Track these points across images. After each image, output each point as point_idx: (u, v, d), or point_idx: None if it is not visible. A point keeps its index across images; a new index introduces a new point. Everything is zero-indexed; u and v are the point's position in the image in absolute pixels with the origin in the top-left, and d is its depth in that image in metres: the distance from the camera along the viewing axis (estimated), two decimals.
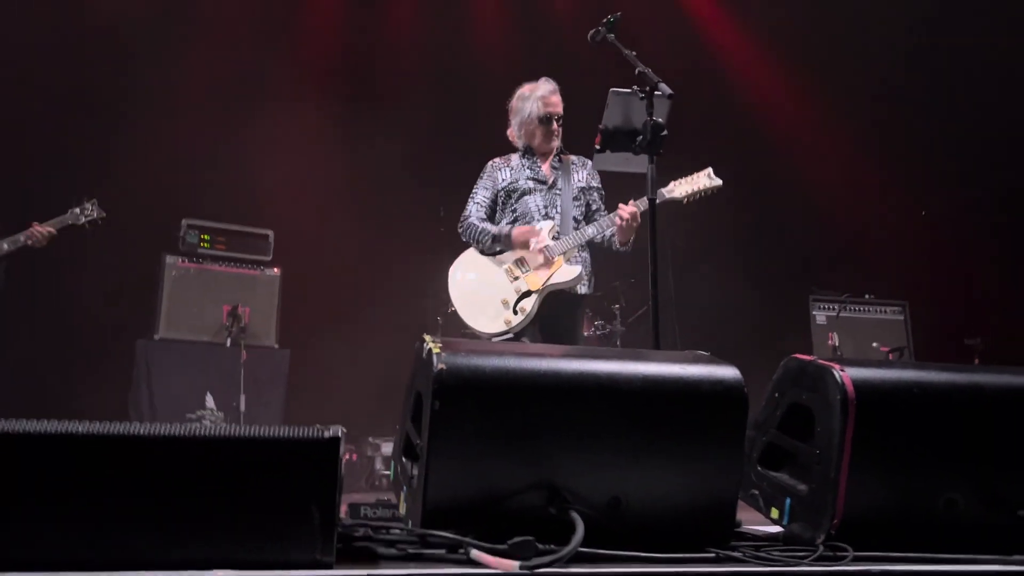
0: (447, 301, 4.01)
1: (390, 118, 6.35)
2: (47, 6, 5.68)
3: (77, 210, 4.79)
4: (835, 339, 6.28)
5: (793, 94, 7.19)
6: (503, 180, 3.99)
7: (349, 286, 6.15)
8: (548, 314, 3.80)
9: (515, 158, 4.04)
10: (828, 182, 7.08)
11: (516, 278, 3.82)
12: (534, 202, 3.92)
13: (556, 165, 4.01)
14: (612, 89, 2.92)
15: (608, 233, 3.81)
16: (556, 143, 3.96)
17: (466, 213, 3.98)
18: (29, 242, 4.60)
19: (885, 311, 6.52)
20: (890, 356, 6.28)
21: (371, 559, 1.72)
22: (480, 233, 3.90)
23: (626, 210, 3.64)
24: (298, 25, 6.64)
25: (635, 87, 2.85)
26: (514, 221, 3.92)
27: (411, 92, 6.48)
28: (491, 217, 4.00)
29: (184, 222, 5.53)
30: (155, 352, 5.26)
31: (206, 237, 5.55)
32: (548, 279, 3.77)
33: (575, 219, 3.90)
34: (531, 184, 3.93)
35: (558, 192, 3.94)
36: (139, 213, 5.41)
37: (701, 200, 3.77)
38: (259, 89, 6.24)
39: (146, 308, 5.46)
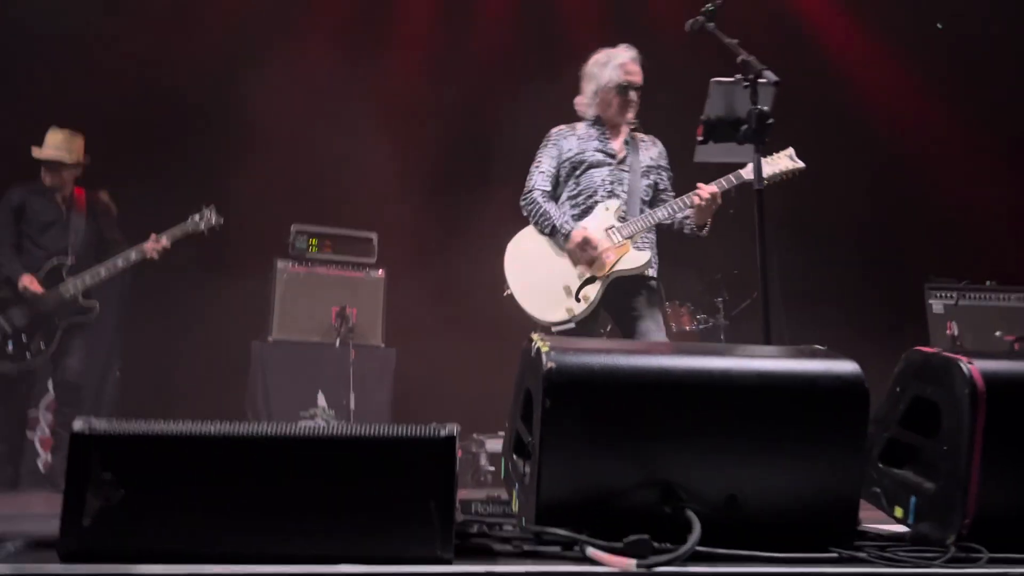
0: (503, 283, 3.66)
1: (492, 122, 6.40)
2: (158, 21, 5.97)
3: (197, 217, 5.02)
4: (954, 328, 5.97)
5: (905, 73, 6.88)
6: (569, 150, 3.67)
7: (450, 286, 6.23)
8: (616, 299, 3.53)
9: (582, 126, 3.73)
10: (944, 163, 6.75)
11: (579, 262, 3.50)
12: (600, 176, 3.60)
13: (628, 141, 3.70)
14: (713, 79, 2.85)
15: (680, 216, 3.54)
16: (631, 116, 3.67)
17: (530, 185, 3.67)
18: (145, 255, 4.83)
19: (1009, 298, 6.16)
20: (1016, 346, 5.94)
21: (488, 555, 1.74)
22: (541, 216, 3.59)
23: (706, 190, 3.38)
24: (393, 31, 6.77)
25: (738, 75, 2.78)
26: (577, 195, 3.62)
27: (506, 93, 6.52)
28: (555, 189, 3.71)
29: (293, 227, 5.74)
30: (269, 353, 5.48)
31: (314, 241, 5.74)
32: (614, 265, 3.46)
33: (642, 199, 3.62)
34: (599, 156, 3.63)
35: (626, 169, 3.63)
36: (251, 221, 5.64)
37: (782, 184, 3.44)
38: (362, 96, 6.39)
39: (260, 311, 5.68)
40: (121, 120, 5.70)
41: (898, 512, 2.09)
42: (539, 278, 3.51)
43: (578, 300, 3.44)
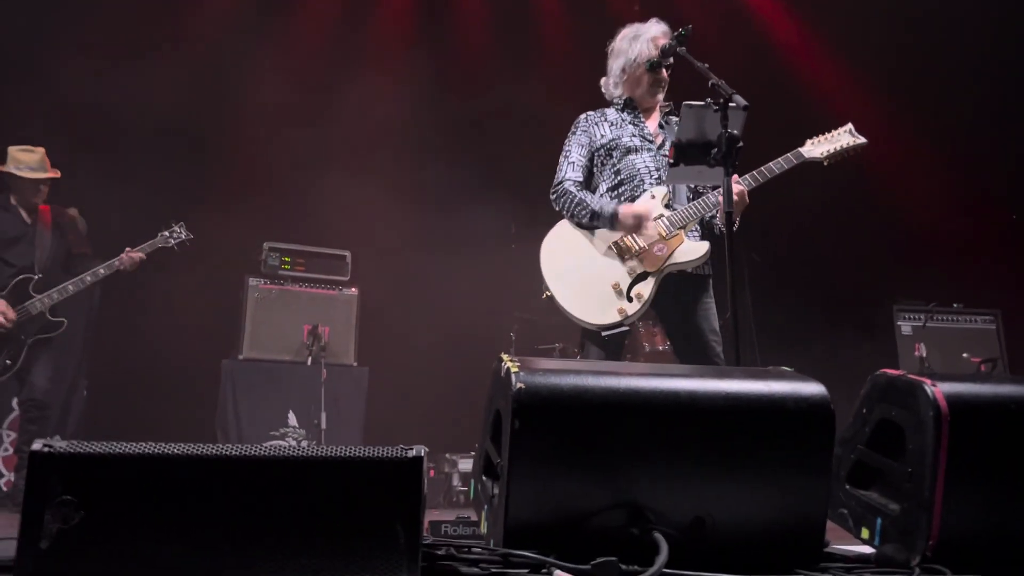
0: (540, 286, 3.25)
1: (461, 137, 6.43)
2: (129, 38, 5.94)
3: (167, 233, 5.01)
4: (922, 350, 6.06)
5: (871, 95, 7.00)
6: (602, 136, 3.36)
7: (424, 303, 6.23)
8: (668, 299, 3.19)
9: (612, 112, 3.43)
10: (912, 187, 6.86)
11: (628, 257, 3.16)
12: (643, 163, 3.29)
13: (663, 124, 3.41)
14: (685, 103, 2.88)
15: (709, 215, 3.25)
16: (661, 97, 3.41)
17: (560, 176, 3.36)
18: (122, 267, 4.82)
19: (975, 320, 6.27)
20: (982, 367, 6.03)
21: None
22: (576, 205, 3.25)
23: (735, 189, 3.01)
24: (374, 49, 6.79)
25: (708, 99, 2.81)
26: (618, 185, 3.29)
27: (485, 115, 6.55)
28: (587, 181, 3.38)
29: (265, 245, 5.71)
30: (239, 371, 5.43)
31: (287, 259, 5.72)
32: (669, 258, 3.11)
33: (688, 187, 3.32)
34: (637, 142, 3.32)
35: (667, 155, 3.26)
36: (223, 238, 5.60)
37: (842, 163, 3.20)
38: (334, 114, 6.39)
39: (230, 329, 5.64)
40: (90, 136, 5.65)
41: (864, 533, 2.10)
42: (583, 277, 3.16)
43: (630, 299, 3.09)
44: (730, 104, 2.72)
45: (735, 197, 3.00)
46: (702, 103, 2.82)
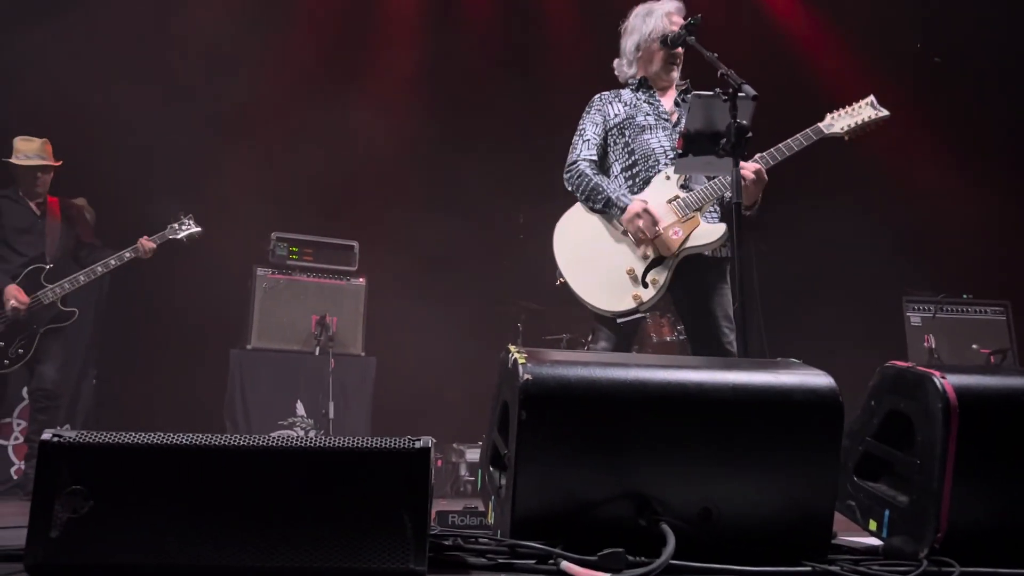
0: (553, 272, 3.20)
1: (471, 128, 6.41)
2: (132, 27, 5.93)
3: (176, 225, 5.04)
4: (931, 341, 6.04)
5: (880, 83, 6.93)
6: (615, 115, 3.30)
7: (431, 293, 6.23)
8: (683, 284, 3.12)
9: (627, 93, 3.37)
10: (921, 177, 6.82)
11: (643, 241, 3.09)
12: (657, 141, 3.23)
13: (679, 103, 3.33)
14: (693, 92, 2.86)
15: (727, 195, 3.10)
16: (676, 75, 3.34)
17: (574, 156, 3.29)
18: (136, 255, 4.84)
19: (985, 311, 6.24)
20: (991, 358, 6.00)
21: (462, 568, 1.73)
22: (592, 190, 3.19)
23: (750, 167, 2.96)
24: (380, 38, 6.77)
25: (717, 89, 2.79)
26: (632, 165, 3.24)
27: (491, 103, 6.53)
28: (602, 160, 3.32)
29: (273, 235, 5.73)
30: (247, 361, 5.45)
31: (294, 249, 5.73)
32: (684, 242, 3.04)
33: None
34: (652, 120, 3.26)
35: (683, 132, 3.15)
36: (231, 229, 5.61)
37: (865, 136, 3.15)
38: (341, 104, 6.38)
39: (239, 319, 5.65)
40: (96, 128, 5.65)
41: (872, 525, 2.10)
42: (597, 263, 3.11)
43: (646, 286, 3.04)
44: (739, 94, 2.70)
45: (752, 176, 2.96)
46: (711, 92, 2.80)
